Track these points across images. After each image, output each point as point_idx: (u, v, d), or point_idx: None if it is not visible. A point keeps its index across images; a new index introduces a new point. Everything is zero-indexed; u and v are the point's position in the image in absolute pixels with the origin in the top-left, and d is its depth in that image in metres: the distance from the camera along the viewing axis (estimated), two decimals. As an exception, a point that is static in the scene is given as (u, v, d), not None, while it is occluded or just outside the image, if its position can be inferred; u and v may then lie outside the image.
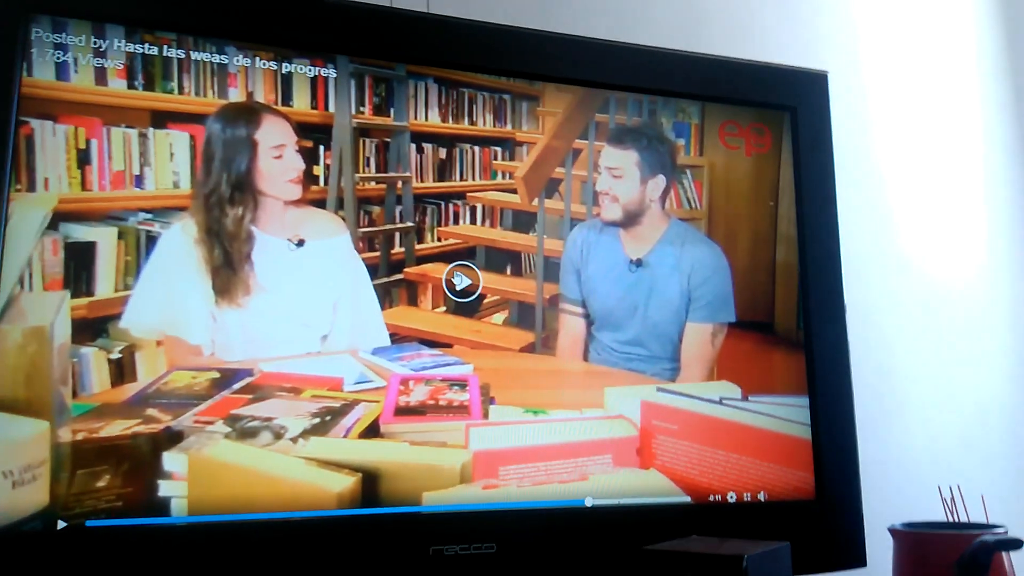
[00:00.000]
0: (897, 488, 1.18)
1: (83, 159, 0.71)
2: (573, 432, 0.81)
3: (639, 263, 0.89)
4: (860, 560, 0.88)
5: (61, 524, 0.65)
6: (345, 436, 0.73)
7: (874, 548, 0.88)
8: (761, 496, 0.86)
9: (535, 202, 0.87)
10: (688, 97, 0.92)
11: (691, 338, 0.88)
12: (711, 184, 0.92)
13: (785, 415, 0.88)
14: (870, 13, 1.39)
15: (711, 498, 0.84)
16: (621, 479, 0.81)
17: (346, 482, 0.71)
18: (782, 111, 0.96)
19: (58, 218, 0.69)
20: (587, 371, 0.86)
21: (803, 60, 1.02)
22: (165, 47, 0.74)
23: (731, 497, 0.85)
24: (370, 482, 0.72)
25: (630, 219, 0.89)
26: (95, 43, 0.72)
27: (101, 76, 0.72)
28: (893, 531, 0.86)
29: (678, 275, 0.89)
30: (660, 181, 0.90)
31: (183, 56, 0.75)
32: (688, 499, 0.83)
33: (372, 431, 0.75)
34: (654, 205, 0.90)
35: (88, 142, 0.71)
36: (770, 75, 0.96)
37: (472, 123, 0.86)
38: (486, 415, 0.79)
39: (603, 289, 0.87)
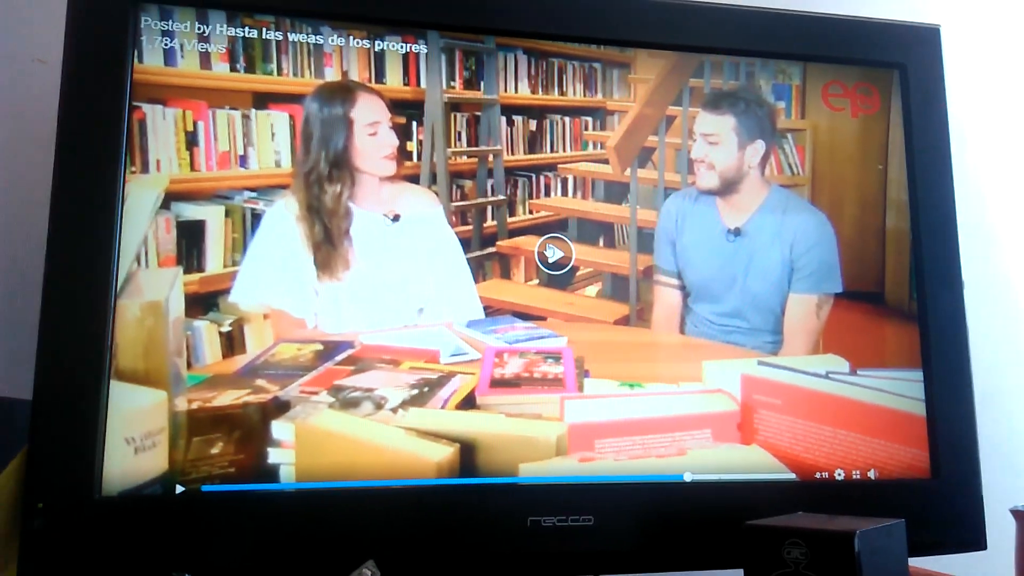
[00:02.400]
0: (1018, 468, 1.10)
1: (191, 141, 0.74)
2: (670, 406, 0.79)
3: (737, 232, 0.86)
4: (980, 543, 0.83)
5: (179, 489, 0.69)
6: (443, 407, 0.74)
7: (994, 531, 0.83)
8: (872, 474, 0.82)
9: (627, 172, 0.85)
10: (789, 58, 0.88)
11: (794, 310, 0.84)
12: (814, 148, 0.88)
13: (897, 390, 0.83)
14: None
15: (817, 475, 0.81)
16: (721, 454, 0.79)
17: (445, 452, 0.72)
18: (891, 69, 0.90)
19: (170, 198, 0.73)
20: (684, 344, 0.84)
21: (912, 13, 0.96)
22: (264, 30, 0.76)
23: (839, 475, 0.81)
24: (468, 452, 0.73)
25: (727, 187, 0.86)
26: (199, 29, 0.75)
27: (205, 60, 0.75)
28: (1016, 512, 0.80)
29: (779, 244, 0.85)
30: (759, 147, 0.87)
31: (281, 38, 0.77)
32: (793, 476, 0.80)
33: (468, 402, 0.75)
34: (753, 172, 0.87)
35: (195, 124, 0.74)
36: (877, 31, 0.91)
37: (562, 93, 0.85)
38: (581, 388, 0.78)
39: (699, 260, 0.85)
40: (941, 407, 0.84)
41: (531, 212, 0.83)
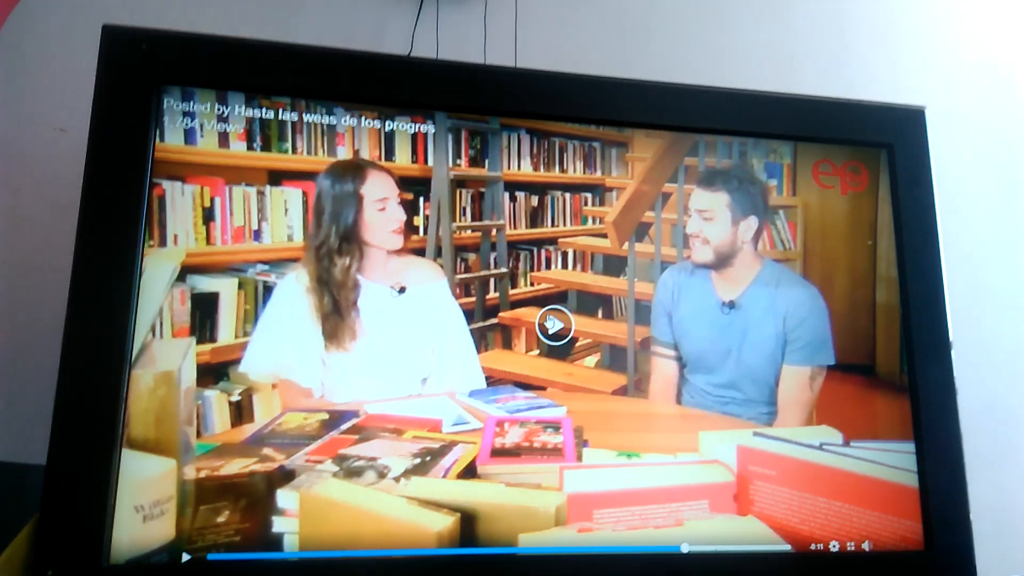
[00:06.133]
0: (1013, 537, 1.11)
1: (208, 216, 0.77)
2: (667, 476, 0.81)
3: (732, 305, 0.88)
4: (975, 616, 0.84)
5: (185, 557, 0.70)
6: (444, 476, 0.76)
7: (991, 603, 0.84)
8: (866, 546, 0.83)
9: (625, 246, 0.88)
10: (780, 138, 0.92)
11: (788, 381, 0.87)
12: (806, 224, 0.91)
13: (890, 461, 0.85)
14: (969, 44, 1.34)
15: (813, 547, 0.82)
16: (718, 525, 0.80)
17: (445, 522, 0.74)
18: (878, 149, 0.94)
19: (186, 271, 0.76)
20: (680, 414, 0.86)
21: (899, 95, 1.00)
22: (280, 111, 0.81)
23: (834, 546, 0.82)
24: (468, 522, 0.75)
25: (722, 261, 0.89)
26: (219, 110, 0.79)
27: (224, 139, 0.79)
28: (1012, 587, 0.81)
29: (773, 317, 0.88)
30: (752, 222, 0.90)
31: (296, 119, 0.81)
32: (789, 547, 0.81)
33: (469, 472, 0.77)
34: (746, 246, 0.90)
35: (212, 200, 0.77)
36: (865, 113, 0.95)
37: (563, 171, 0.88)
38: (580, 457, 0.80)
39: (695, 331, 0.88)
40: (933, 479, 0.85)
41: (532, 284, 0.86)
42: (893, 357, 0.89)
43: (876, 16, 1.31)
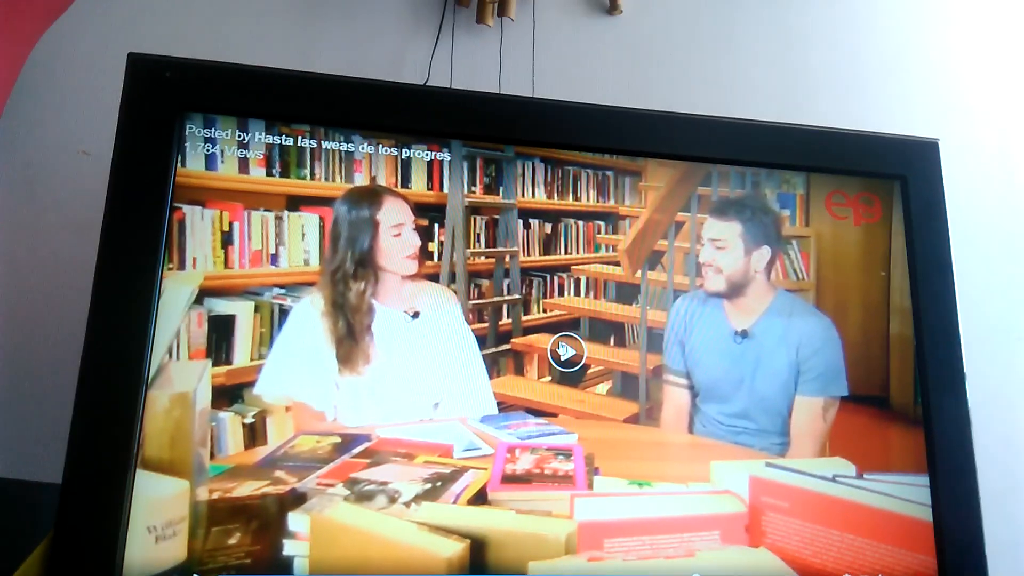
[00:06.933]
0: (1033, 576, 1.09)
1: (226, 240, 0.78)
2: (679, 506, 0.80)
3: (744, 334, 0.88)
4: (992, 654, 0.82)
5: (196, 578, 0.70)
6: (455, 502, 0.76)
7: (1007, 642, 0.83)
8: (879, 580, 0.82)
9: (638, 274, 0.89)
10: (793, 168, 0.93)
11: (801, 412, 0.86)
12: (819, 255, 0.92)
13: (903, 494, 0.84)
14: (983, 77, 1.35)
15: (825, 580, 0.81)
16: (730, 557, 0.79)
17: (455, 548, 0.74)
18: (892, 180, 0.94)
19: (203, 293, 0.77)
20: (692, 443, 0.86)
21: (913, 127, 1.01)
22: (299, 138, 0.82)
23: (847, 580, 0.81)
24: (478, 549, 0.74)
25: (734, 290, 0.89)
26: (239, 136, 0.81)
27: (244, 165, 0.80)
28: (1030, 625, 0.80)
29: (786, 347, 0.88)
30: (765, 252, 0.90)
31: (315, 145, 0.82)
32: (801, 580, 0.80)
33: (480, 498, 0.77)
34: (759, 276, 0.90)
35: (231, 225, 0.79)
36: (878, 144, 0.95)
37: (576, 199, 0.89)
38: (591, 485, 0.80)
39: (708, 360, 0.88)
40: (948, 513, 0.84)
41: (545, 311, 0.87)
42: (907, 389, 0.89)
43: (890, 49, 1.32)
